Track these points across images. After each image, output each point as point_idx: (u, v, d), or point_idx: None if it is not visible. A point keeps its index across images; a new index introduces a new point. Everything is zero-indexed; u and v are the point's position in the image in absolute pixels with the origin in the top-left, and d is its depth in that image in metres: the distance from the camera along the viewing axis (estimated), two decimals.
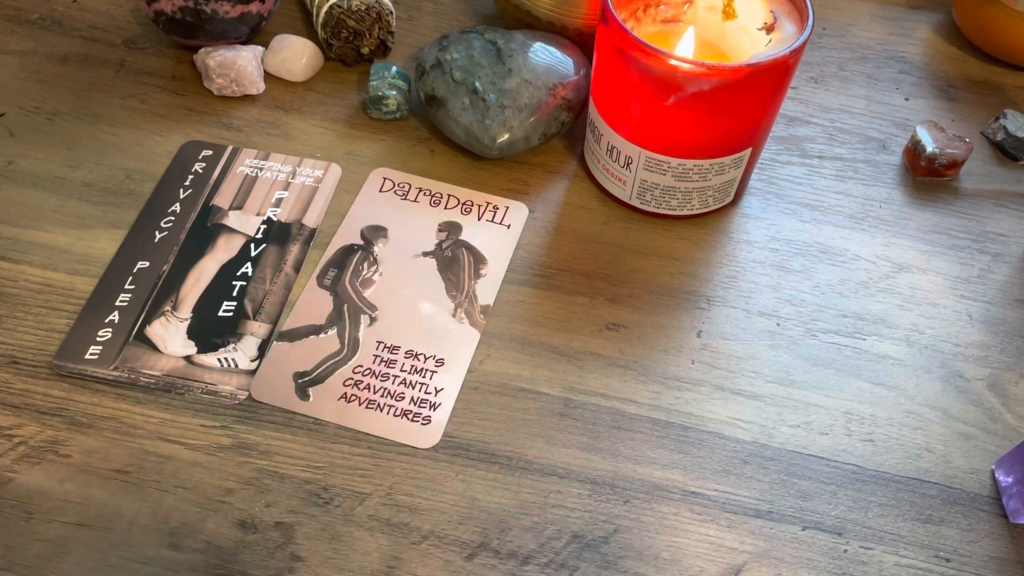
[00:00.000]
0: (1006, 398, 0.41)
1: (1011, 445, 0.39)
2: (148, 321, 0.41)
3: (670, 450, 0.39)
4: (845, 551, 0.36)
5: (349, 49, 0.53)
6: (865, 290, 0.45)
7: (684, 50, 0.44)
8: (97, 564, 0.34)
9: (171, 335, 0.41)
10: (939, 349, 0.43)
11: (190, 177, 0.47)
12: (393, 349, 0.41)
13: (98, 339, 0.40)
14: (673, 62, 0.39)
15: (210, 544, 0.35)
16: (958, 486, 0.38)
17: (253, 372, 0.40)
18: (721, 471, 0.38)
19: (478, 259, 0.45)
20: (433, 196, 0.47)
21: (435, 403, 0.39)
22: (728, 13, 0.45)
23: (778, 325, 0.43)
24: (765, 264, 0.46)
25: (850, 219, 0.48)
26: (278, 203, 0.47)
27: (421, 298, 0.43)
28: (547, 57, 0.48)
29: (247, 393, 0.39)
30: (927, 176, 0.50)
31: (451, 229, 0.46)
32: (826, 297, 0.44)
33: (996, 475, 0.38)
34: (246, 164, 0.48)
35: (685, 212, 0.46)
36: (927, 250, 0.47)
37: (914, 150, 0.50)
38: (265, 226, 0.45)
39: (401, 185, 0.48)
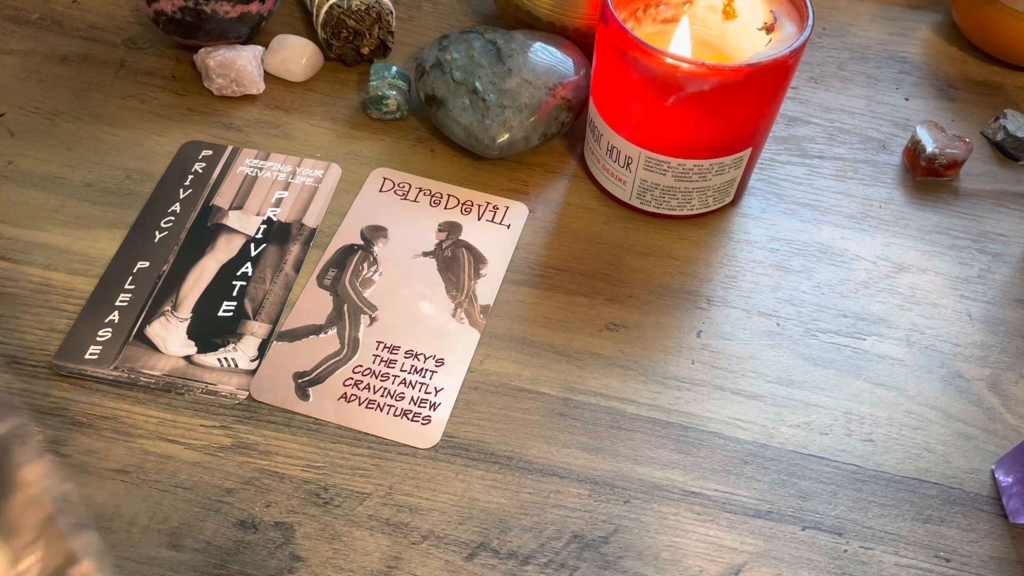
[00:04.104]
0: (1006, 398, 0.41)
1: (1011, 445, 0.39)
2: (148, 321, 0.41)
3: (670, 450, 0.39)
4: (845, 551, 0.36)
5: (349, 49, 0.53)
6: (865, 290, 0.45)
7: (680, 42, 0.44)
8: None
9: (171, 335, 0.41)
10: (939, 349, 0.43)
11: (190, 177, 0.47)
12: (393, 349, 0.41)
13: (98, 339, 0.40)
14: (673, 62, 0.39)
15: (210, 544, 0.35)
16: (958, 486, 0.38)
17: (253, 372, 0.40)
18: (721, 471, 0.38)
19: (478, 259, 0.45)
20: (433, 196, 0.47)
21: (435, 403, 0.39)
22: (728, 13, 0.45)
23: (778, 325, 0.43)
24: (765, 264, 0.46)
25: (850, 219, 0.48)
26: (278, 203, 0.47)
27: (421, 298, 0.43)
28: (547, 57, 0.48)
29: (247, 393, 0.39)
30: (927, 176, 0.50)
31: (451, 229, 0.46)
32: (826, 297, 0.44)
33: (996, 475, 0.38)
34: (246, 164, 0.48)
35: (685, 212, 0.46)
36: (927, 250, 0.47)
37: (914, 150, 0.50)
38: (265, 226, 0.45)
39: (401, 185, 0.48)
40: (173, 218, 0.46)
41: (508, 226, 0.46)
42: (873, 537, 0.37)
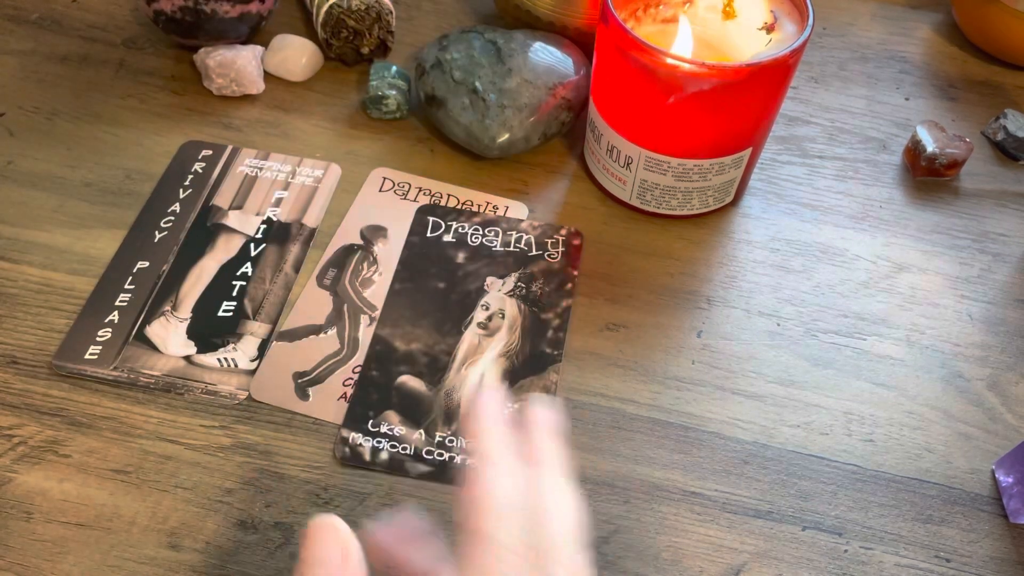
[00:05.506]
0: (1006, 398, 0.41)
1: (1011, 445, 0.39)
2: (148, 321, 0.41)
3: (670, 450, 0.39)
4: (845, 551, 0.36)
5: (349, 49, 0.53)
6: (865, 290, 0.45)
7: (681, 42, 0.44)
8: (97, 564, 0.34)
9: (171, 335, 0.41)
10: (939, 349, 0.43)
11: (190, 177, 0.47)
12: None
13: (98, 339, 0.40)
14: (673, 62, 0.39)
15: (210, 544, 0.35)
16: (958, 486, 0.38)
17: (253, 372, 0.40)
18: (721, 471, 0.38)
19: None
20: (433, 196, 0.47)
21: None
22: (728, 13, 0.45)
23: (778, 325, 0.43)
24: (765, 264, 0.46)
25: (850, 219, 0.48)
26: (278, 203, 0.47)
27: None
28: (547, 57, 0.48)
29: (247, 393, 0.39)
30: (927, 176, 0.50)
31: None
32: (826, 297, 0.44)
33: (996, 475, 0.38)
34: (246, 164, 0.48)
35: (685, 212, 0.46)
36: (927, 250, 0.47)
37: (914, 150, 0.50)
38: (265, 226, 0.45)
39: (401, 185, 0.48)
40: (173, 218, 0.46)
41: None
42: (873, 537, 0.37)
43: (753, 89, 0.40)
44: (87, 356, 0.40)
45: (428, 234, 0.43)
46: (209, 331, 0.41)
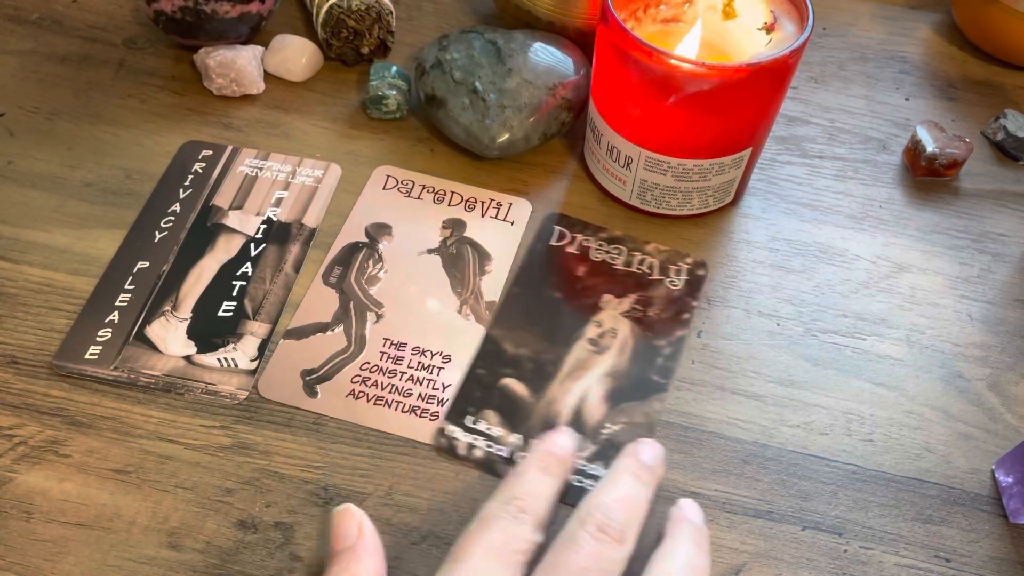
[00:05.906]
0: (1006, 398, 0.41)
1: (1011, 445, 0.39)
2: (148, 321, 0.41)
3: (670, 450, 0.39)
4: (845, 551, 0.36)
5: (349, 49, 0.53)
6: (865, 290, 0.45)
7: (689, 46, 0.44)
8: (97, 564, 0.34)
9: (171, 335, 0.41)
10: (939, 349, 0.43)
11: (190, 177, 0.47)
12: (400, 346, 0.41)
13: (98, 339, 0.40)
14: (673, 62, 0.39)
15: (210, 544, 0.35)
16: (958, 486, 0.38)
17: (253, 372, 0.40)
18: (721, 471, 0.38)
19: (482, 256, 0.45)
20: (437, 193, 0.47)
21: (442, 399, 0.39)
22: (728, 13, 0.45)
23: (778, 325, 0.43)
24: (765, 264, 0.46)
25: (850, 219, 0.48)
26: (278, 203, 0.47)
27: (427, 295, 0.43)
28: (547, 57, 0.48)
29: (247, 393, 0.39)
30: (927, 176, 0.50)
31: (455, 226, 0.46)
32: (826, 297, 0.44)
33: (996, 475, 0.38)
34: (246, 164, 0.48)
35: (685, 212, 0.46)
36: (927, 250, 0.47)
37: (914, 150, 0.50)
38: (265, 226, 0.45)
39: (405, 182, 0.48)
40: (173, 218, 0.46)
41: (512, 223, 0.46)
42: (873, 537, 0.37)
43: (753, 89, 0.40)
44: (87, 356, 0.40)
45: (552, 242, 0.44)
46: (209, 331, 0.41)
